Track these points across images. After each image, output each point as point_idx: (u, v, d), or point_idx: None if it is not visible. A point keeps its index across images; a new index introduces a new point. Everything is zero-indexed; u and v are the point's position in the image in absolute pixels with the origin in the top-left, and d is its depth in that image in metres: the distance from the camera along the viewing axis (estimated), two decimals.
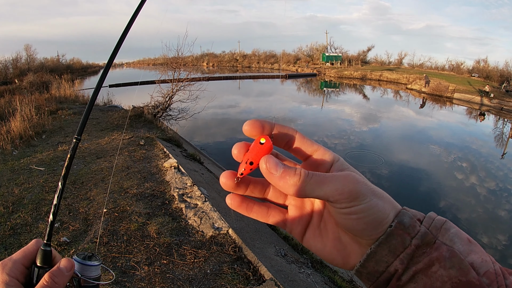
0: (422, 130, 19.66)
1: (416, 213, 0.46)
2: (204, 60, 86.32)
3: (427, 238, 0.43)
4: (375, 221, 0.44)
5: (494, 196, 10.41)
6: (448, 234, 0.44)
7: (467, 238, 0.44)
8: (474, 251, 0.42)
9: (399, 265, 0.43)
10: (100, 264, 0.74)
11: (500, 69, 42.82)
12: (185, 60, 14.84)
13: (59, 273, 0.62)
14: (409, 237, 0.43)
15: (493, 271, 0.40)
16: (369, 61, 66.45)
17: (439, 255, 0.41)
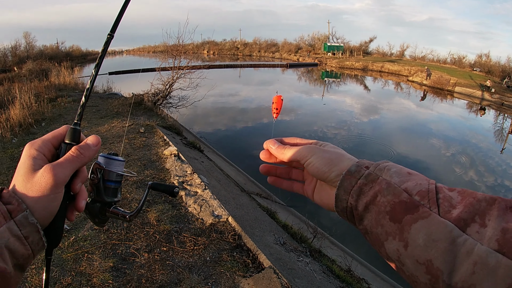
0: (422, 122, 19.65)
1: (365, 162, 0.62)
2: (204, 48, 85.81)
3: (370, 177, 0.58)
4: (324, 166, 0.65)
5: (492, 191, 10.43)
6: (389, 172, 0.57)
7: (407, 172, 0.57)
8: (411, 180, 0.54)
9: (351, 199, 0.59)
10: (124, 161, 0.82)
11: (502, 64, 42.54)
12: (185, 47, 14.74)
13: (85, 146, 0.69)
14: (355, 179, 0.59)
15: (426, 189, 0.51)
16: (371, 52, 66.09)
17: (380, 188, 0.55)
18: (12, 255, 0.57)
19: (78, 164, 0.67)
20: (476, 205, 0.46)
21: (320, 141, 0.73)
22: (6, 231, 0.56)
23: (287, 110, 19.58)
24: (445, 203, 0.48)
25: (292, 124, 16.55)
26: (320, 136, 14.36)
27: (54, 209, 0.64)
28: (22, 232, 0.58)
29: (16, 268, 0.58)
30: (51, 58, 36.79)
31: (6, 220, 0.57)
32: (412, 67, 43.90)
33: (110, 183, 0.81)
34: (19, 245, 0.58)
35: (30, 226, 0.59)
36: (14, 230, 0.57)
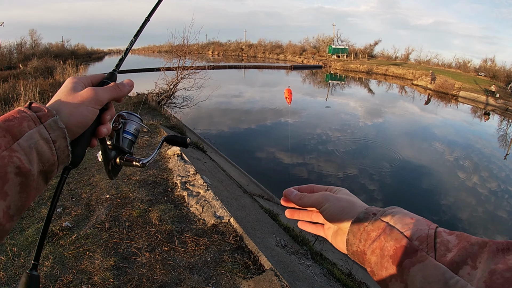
0: (426, 127, 19.61)
1: (373, 209, 0.66)
2: (209, 49, 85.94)
3: (376, 223, 0.62)
4: (337, 213, 0.69)
5: (495, 196, 10.40)
6: (393, 218, 0.61)
7: (410, 218, 0.60)
8: (412, 225, 0.58)
9: (359, 244, 0.63)
10: (141, 119, 0.96)
11: (507, 69, 42.49)
12: (190, 48, 14.79)
13: (122, 83, 0.82)
14: (363, 225, 0.63)
15: (425, 235, 0.55)
16: (376, 55, 66.02)
17: (384, 234, 0.59)
18: (39, 158, 0.61)
19: (114, 94, 0.78)
20: (469, 248, 0.50)
21: (335, 187, 0.78)
22: (36, 133, 0.60)
23: (291, 112, 19.59)
24: (442, 247, 0.52)
25: (296, 126, 16.53)
26: (323, 139, 14.35)
27: (86, 122, 0.71)
28: (51, 135, 0.63)
29: (40, 175, 0.62)
30: (56, 56, 36.97)
31: (36, 124, 0.61)
32: (417, 71, 43.80)
33: (128, 134, 0.92)
34: (46, 149, 0.62)
35: (59, 131, 0.64)
36: (43, 133, 0.62)
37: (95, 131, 0.76)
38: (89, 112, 0.71)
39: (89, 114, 0.71)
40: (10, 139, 0.57)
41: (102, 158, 0.87)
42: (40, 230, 1.24)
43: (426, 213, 8.82)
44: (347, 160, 11.99)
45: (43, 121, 0.62)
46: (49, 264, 3.30)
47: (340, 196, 0.73)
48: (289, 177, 9.74)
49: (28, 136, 0.59)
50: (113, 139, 0.89)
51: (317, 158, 12.00)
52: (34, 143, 0.59)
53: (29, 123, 0.60)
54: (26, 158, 0.58)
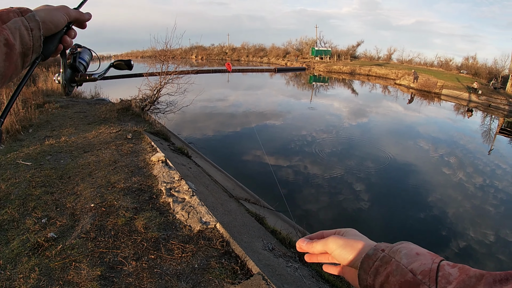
0: (410, 125, 19.86)
1: (382, 245, 0.70)
2: (193, 53, 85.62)
3: (384, 259, 0.65)
4: (349, 255, 0.73)
5: (481, 191, 10.57)
6: (400, 254, 0.64)
7: (415, 253, 0.63)
8: (417, 260, 0.61)
9: (369, 279, 0.66)
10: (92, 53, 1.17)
11: (488, 66, 43.40)
12: (173, 52, 14.76)
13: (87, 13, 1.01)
14: (372, 261, 0.67)
15: (428, 269, 0.58)
16: (358, 56, 66.63)
17: (391, 269, 0.63)
18: (20, 40, 0.76)
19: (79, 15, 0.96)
20: (467, 281, 0.53)
21: (343, 229, 0.83)
22: (19, 21, 0.77)
23: (276, 114, 19.63)
24: (443, 280, 0.55)
25: (280, 128, 16.59)
26: (308, 140, 14.41)
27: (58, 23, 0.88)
28: (29, 24, 0.79)
29: (20, 55, 0.77)
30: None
31: (19, 16, 0.79)
32: (399, 70, 44.37)
33: (82, 60, 1.09)
34: (26, 34, 0.78)
35: (35, 22, 0.81)
36: (24, 21, 0.78)
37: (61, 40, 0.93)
38: (61, 17, 0.89)
39: (61, 18, 0.89)
40: (0, 22, 0.74)
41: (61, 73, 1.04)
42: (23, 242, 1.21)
43: (413, 210, 8.94)
44: (333, 160, 12.07)
45: (24, 14, 0.80)
46: (35, 276, 3.25)
47: (350, 240, 0.77)
48: (275, 178, 9.76)
49: (14, 21, 0.76)
50: (71, 61, 1.07)
51: (303, 159, 12.05)
52: (18, 27, 0.76)
53: (14, 14, 0.78)
54: (12, 35, 0.74)
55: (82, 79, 1.07)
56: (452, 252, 7.30)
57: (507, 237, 8.16)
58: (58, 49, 0.94)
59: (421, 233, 7.95)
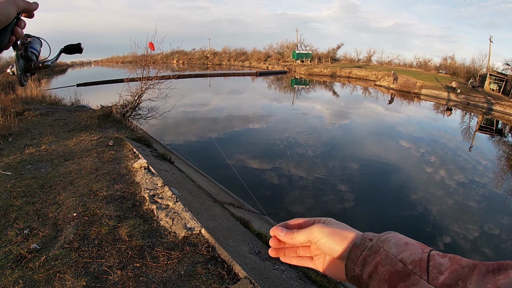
0: (390, 125, 20.13)
1: (369, 235, 0.68)
2: (174, 58, 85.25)
3: (373, 248, 0.64)
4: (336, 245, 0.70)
5: (463, 187, 10.77)
6: (389, 243, 0.63)
7: (404, 243, 0.62)
8: (407, 250, 0.60)
9: (357, 269, 0.64)
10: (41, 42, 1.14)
11: (466, 65, 44.53)
12: (154, 58, 14.63)
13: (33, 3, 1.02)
14: (360, 250, 0.65)
15: (418, 259, 0.57)
16: (339, 59, 67.38)
17: (380, 259, 0.61)
18: None
19: (27, 5, 0.96)
20: (460, 271, 0.52)
21: (322, 218, 0.80)
22: None
23: (258, 117, 19.66)
24: (434, 270, 0.54)
25: (263, 132, 16.61)
26: (291, 142, 14.46)
27: (8, 15, 0.89)
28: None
29: None
30: None
31: None
32: (379, 72, 45.06)
33: (34, 49, 1.09)
34: None
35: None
36: None
37: (13, 31, 0.94)
38: (10, 8, 0.89)
39: (10, 10, 0.89)
40: None
41: (14, 65, 1.04)
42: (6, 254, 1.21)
43: (397, 208, 9.05)
44: (316, 162, 12.13)
45: None
46: None
47: (334, 228, 0.74)
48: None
49: None
50: (22, 51, 1.05)
51: (287, 162, 12.08)
52: None
53: None
54: None
55: (36, 67, 1.10)
56: (437, 247, 7.39)
57: (490, 231, 8.35)
58: (10, 41, 0.96)
59: (406, 230, 8.04)
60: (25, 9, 0.97)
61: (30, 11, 1.00)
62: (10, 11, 0.89)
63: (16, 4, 0.92)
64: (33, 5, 1.00)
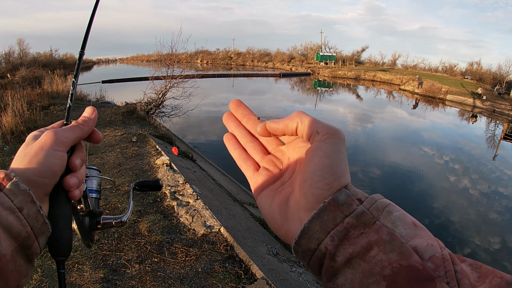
0: (414, 131, 19.80)
1: (357, 192, 0.44)
2: (198, 57, 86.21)
3: (363, 217, 0.41)
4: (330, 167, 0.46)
5: (486, 198, 10.50)
6: (391, 216, 0.41)
7: (412, 222, 0.41)
8: (419, 235, 0.40)
9: (329, 242, 0.42)
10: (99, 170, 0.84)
11: (493, 71, 43.59)
12: (179, 57, 14.77)
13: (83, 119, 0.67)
14: (342, 214, 0.42)
15: (440, 256, 0.37)
16: (363, 62, 66.77)
17: (378, 238, 0.39)
18: (8, 233, 0.49)
19: (79, 132, 0.64)
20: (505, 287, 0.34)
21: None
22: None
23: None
24: (465, 279, 0.36)
25: None
26: None
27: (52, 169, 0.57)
28: (14, 202, 0.50)
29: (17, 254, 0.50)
30: (44, 65, 36.66)
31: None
32: (404, 76, 44.38)
33: (93, 192, 0.80)
34: (13, 219, 0.49)
35: (23, 194, 0.51)
36: (5, 202, 0.49)
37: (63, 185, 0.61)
38: (52, 156, 0.57)
39: (53, 158, 0.57)
40: None
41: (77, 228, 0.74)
42: None
43: (418, 216, 8.87)
44: None
45: (1, 188, 0.51)
46: (37, 278, 3.24)
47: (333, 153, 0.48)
48: None
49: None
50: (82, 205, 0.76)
51: None
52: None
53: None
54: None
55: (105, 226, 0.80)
56: None
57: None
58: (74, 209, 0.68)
59: None
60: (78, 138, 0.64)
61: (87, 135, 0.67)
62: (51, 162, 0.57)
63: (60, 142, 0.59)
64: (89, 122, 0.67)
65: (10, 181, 0.51)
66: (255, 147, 0.62)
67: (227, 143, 0.66)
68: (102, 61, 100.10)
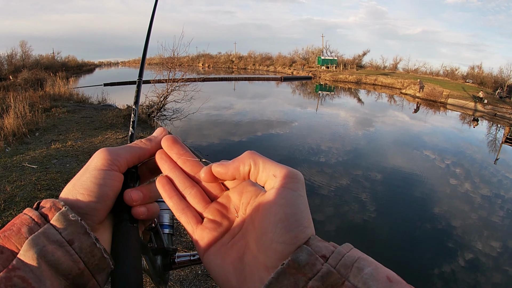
0: (416, 135, 19.77)
1: (321, 247, 0.39)
2: (199, 61, 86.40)
3: (330, 278, 0.36)
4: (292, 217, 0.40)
5: (488, 202, 10.47)
6: (362, 274, 0.35)
7: (386, 277, 0.35)
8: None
9: None
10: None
11: (494, 75, 43.63)
12: (180, 60, 14.88)
13: (148, 137, 0.59)
14: (305, 277, 0.36)
15: None
16: (364, 65, 66.90)
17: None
18: (54, 270, 0.41)
19: (136, 150, 0.56)
20: None
21: None
22: (40, 237, 0.42)
23: (281, 123, 19.64)
24: None
25: (287, 137, 16.57)
26: (313, 149, 14.39)
27: (99, 192, 0.48)
28: (62, 234, 0.43)
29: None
30: (46, 67, 36.85)
31: (40, 225, 0.43)
32: (405, 80, 44.43)
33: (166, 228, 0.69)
34: (62, 255, 0.42)
35: (73, 226, 0.44)
36: (51, 234, 0.42)
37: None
38: (100, 175, 0.49)
39: (101, 177, 0.49)
40: (9, 254, 0.40)
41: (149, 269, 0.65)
42: None
43: (420, 221, 8.87)
44: (338, 170, 12.02)
45: (49, 218, 0.44)
46: None
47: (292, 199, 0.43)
48: None
49: (30, 245, 0.41)
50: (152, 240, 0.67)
51: (309, 169, 12.02)
52: (38, 251, 0.40)
53: (31, 227, 0.43)
54: (32, 275, 0.39)
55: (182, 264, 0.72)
56: (459, 264, 7.23)
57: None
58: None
59: (427, 244, 7.88)
60: (135, 158, 0.56)
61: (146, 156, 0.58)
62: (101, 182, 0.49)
63: (110, 161, 0.51)
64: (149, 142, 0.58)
65: (58, 211, 0.44)
66: (196, 194, 0.53)
67: (161, 189, 0.53)
68: (104, 64, 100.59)
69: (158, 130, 0.61)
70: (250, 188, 0.50)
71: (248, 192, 0.50)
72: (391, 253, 7.11)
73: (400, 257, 7.04)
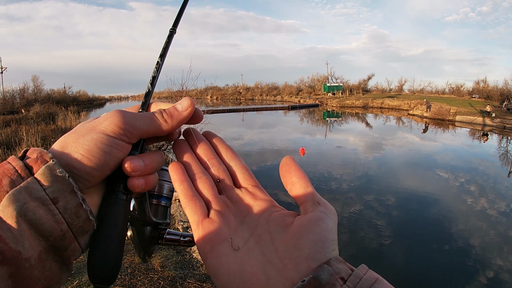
0: (426, 155, 19.61)
1: (341, 269, 0.39)
2: (208, 93, 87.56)
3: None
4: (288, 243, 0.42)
5: (506, 217, 10.26)
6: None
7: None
8: None
9: None
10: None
11: (499, 88, 43.67)
12: (189, 93, 15.03)
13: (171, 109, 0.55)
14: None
15: None
16: (370, 89, 67.23)
17: None
18: (35, 230, 0.38)
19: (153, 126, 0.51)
20: None
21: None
22: (22, 192, 0.37)
23: (290, 151, 19.65)
24: None
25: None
26: (324, 175, 14.32)
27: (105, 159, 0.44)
28: (46, 191, 0.39)
29: (47, 255, 0.39)
30: (58, 102, 37.77)
31: (23, 178, 0.39)
32: (412, 100, 44.46)
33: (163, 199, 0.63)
34: (44, 214, 0.38)
35: (59, 183, 0.40)
36: (34, 190, 0.38)
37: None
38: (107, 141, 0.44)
39: (107, 144, 0.44)
40: None
41: (133, 235, 0.61)
42: None
43: (436, 242, 8.70)
44: (350, 196, 11.93)
45: (34, 171, 0.40)
46: None
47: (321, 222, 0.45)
48: None
49: (10, 200, 0.37)
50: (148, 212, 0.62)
51: (321, 195, 11.94)
52: (19, 207, 0.36)
53: (13, 179, 0.38)
54: (10, 234, 0.35)
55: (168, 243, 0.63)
56: (480, 283, 7.03)
57: None
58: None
59: (445, 265, 7.71)
60: (151, 132, 0.52)
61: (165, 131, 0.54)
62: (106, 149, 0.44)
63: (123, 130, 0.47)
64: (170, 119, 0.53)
65: (45, 164, 0.40)
66: (207, 181, 0.51)
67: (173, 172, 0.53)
68: (114, 98, 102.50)
69: (184, 102, 0.55)
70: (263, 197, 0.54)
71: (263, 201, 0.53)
72: (408, 276, 6.96)
73: (418, 280, 6.88)
